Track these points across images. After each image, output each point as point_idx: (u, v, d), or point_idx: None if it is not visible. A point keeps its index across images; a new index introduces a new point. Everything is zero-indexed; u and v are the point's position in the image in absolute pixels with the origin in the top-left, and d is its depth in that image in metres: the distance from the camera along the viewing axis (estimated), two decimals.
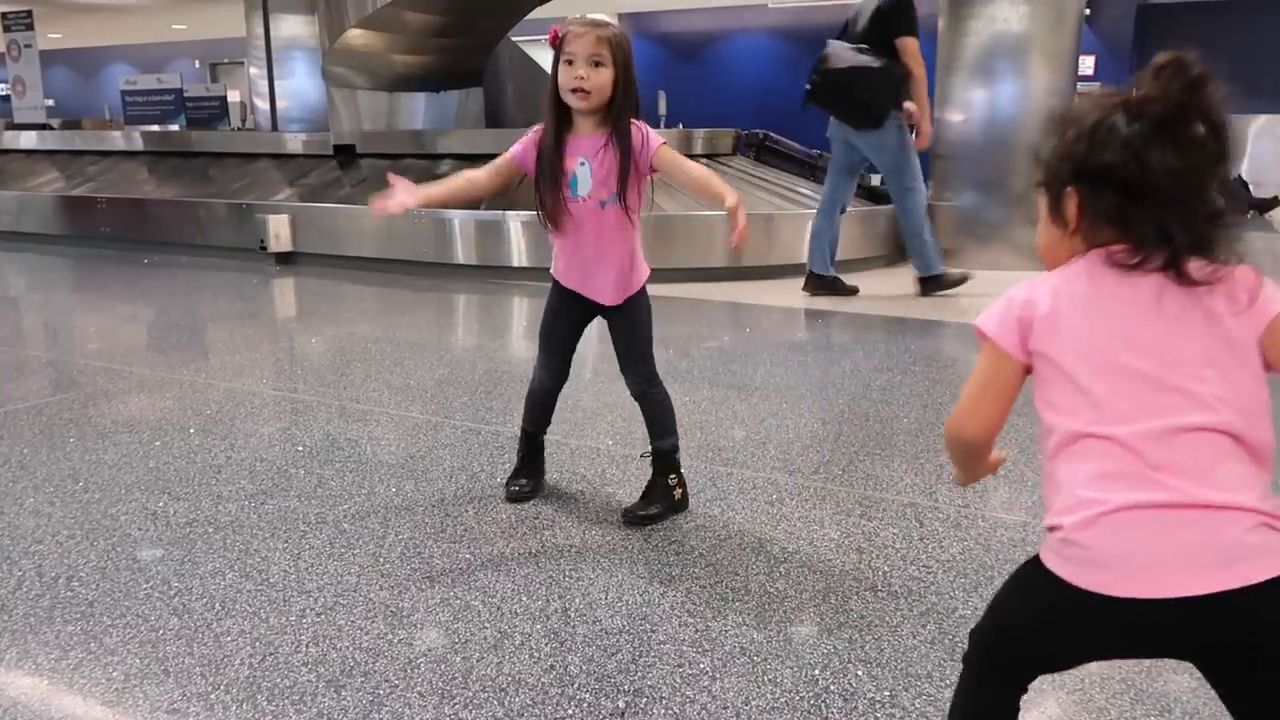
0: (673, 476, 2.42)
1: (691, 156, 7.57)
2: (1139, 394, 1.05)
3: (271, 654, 1.82)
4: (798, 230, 6.38)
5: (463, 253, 6.26)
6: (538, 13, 8.88)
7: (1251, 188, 11.32)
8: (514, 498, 2.55)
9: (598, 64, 2.14)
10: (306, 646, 1.84)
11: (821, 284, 5.59)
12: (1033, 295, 1.11)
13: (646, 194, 2.33)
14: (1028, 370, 1.14)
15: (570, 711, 1.65)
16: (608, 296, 2.35)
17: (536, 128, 2.29)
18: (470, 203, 2.26)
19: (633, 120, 2.23)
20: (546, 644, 1.86)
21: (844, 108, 5.47)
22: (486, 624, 1.93)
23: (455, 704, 1.67)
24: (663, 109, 12.46)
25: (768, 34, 15.20)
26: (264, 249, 6.68)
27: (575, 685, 1.73)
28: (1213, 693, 1.68)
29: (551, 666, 1.78)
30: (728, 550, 2.27)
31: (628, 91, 2.19)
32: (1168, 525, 1.01)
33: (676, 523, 2.42)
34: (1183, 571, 1.00)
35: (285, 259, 6.78)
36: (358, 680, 1.74)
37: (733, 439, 3.03)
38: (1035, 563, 1.11)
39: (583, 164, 2.23)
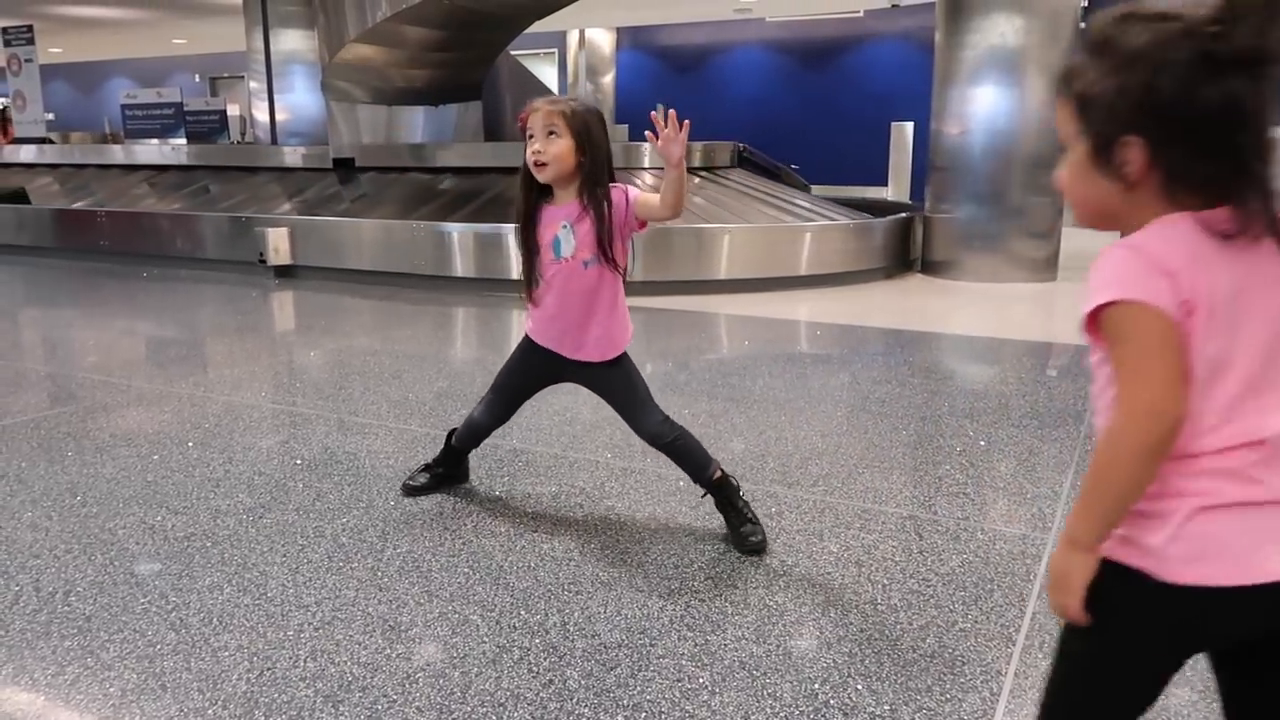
0: (740, 497, 2.40)
1: (690, 170, 7.60)
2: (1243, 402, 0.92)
3: (269, 669, 1.81)
4: (795, 243, 6.40)
5: (461, 265, 6.27)
6: (536, 26, 8.93)
7: None
8: (408, 491, 2.66)
9: (552, 133, 2.21)
10: (304, 661, 1.84)
11: None
12: (1163, 264, 0.90)
13: (631, 252, 2.38)
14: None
15: None
16: (591, 352, 2.38)
17: None
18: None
19: (613, 185, 2.28)
20: (545, 658, 1.85)
21: None
22: (485, 638, 1.92)
23: (454, 719, 1.66)
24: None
25: (764, 48, 15.27)
26: (263, 262, 6.69)
27: (574, 700, 1.72)
28: (1215, 705, 1.68)
29: (550, 681, 1.78)
30: (727, 563, 2.27)
31: (594, 158, 2.25)
32: (1265, 515, 0.93)
33: (675, 536, 2.42)
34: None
35: (284, 272, 6.79)
36: (356, 695, 1.73)
37: (732, 451, 3.03)
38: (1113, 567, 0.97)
39: (565, 227, 2.29)
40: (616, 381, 2.40)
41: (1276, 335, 0.93)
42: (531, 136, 2.22)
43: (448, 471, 2.71)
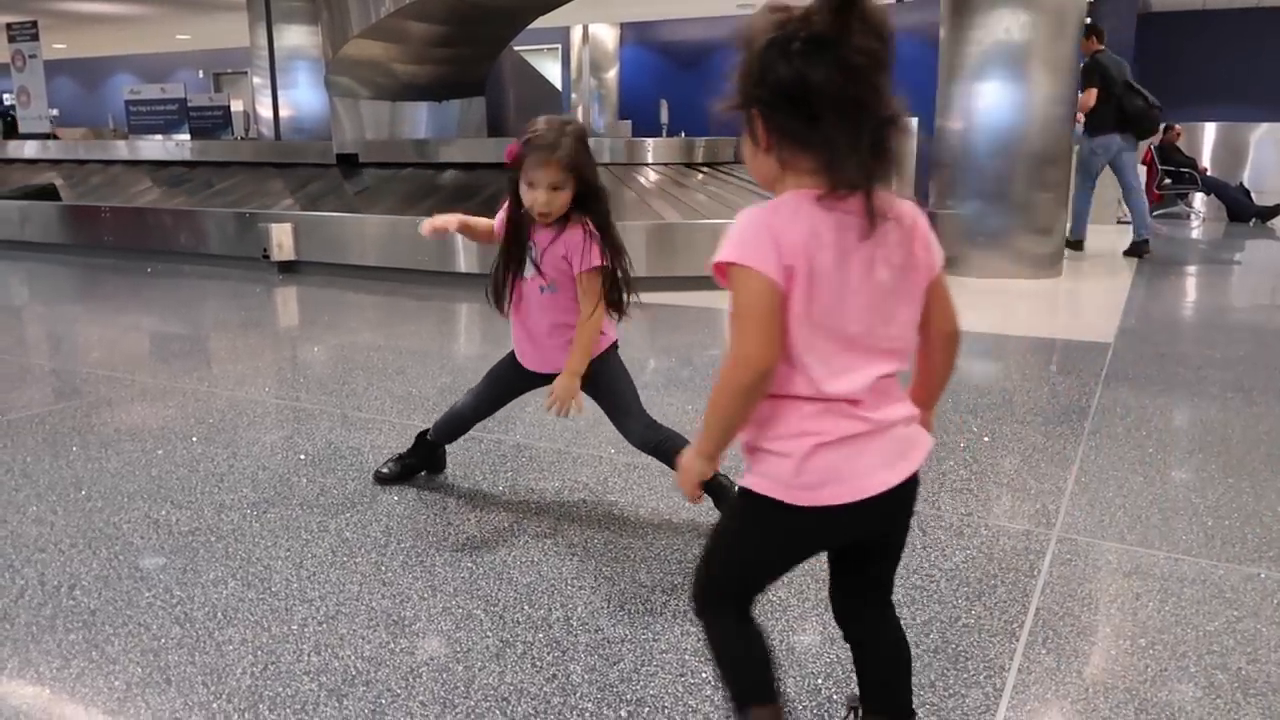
0: (736, 491, 2.39)
1: (693, 165, 7.58)
2: (853, 359, 1.19)
3: (273, 663, 1.82)
4: None
5: (464, 261, 6.27)
6: (540, 22, 8.93)
7: (1254, 195, 11.32)
8: (379, 478, 2.71)
9: (556, 188, 2.21)
10: (309, 655, 1.84)
11: None
12: (767, 233, 1.12)
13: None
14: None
15: (574, 719, 1.65)
16: (549, 365, 2.40)
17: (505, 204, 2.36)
18: (485, 238, 2.43)
19: (582, 223, 2.26)
20: (549, 653, 1.86)
21: None
22: (489, 633, 1.93)
23: (457, 713, 1.66)
24: (664, 118, 12.48)
25: None
26: (267, 258, 6.70)
27: (578, 694, 1.72)
28: (1219, 701, 1.68)
29: (554, 675, 1.78)
30: None
31: (591, 194, 2.26)
32: (871, 442, 1.21)
33: (679, 531, 2.42)
34: (882, 470, 1.22)
35: (288, 268, 6.80)
36: (360, 689, 1.73)
37: (734, 446, 3.02)
38: (752, 498, 1.26)
39: (531, 248, 2.31)
40: (601, 385, 2.41)
41: (876, 296, 1.17)
42: (531, 185, 2.21)
43: (417, 463, 2.73)
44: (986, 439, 3.17)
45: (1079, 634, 1.95)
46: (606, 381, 2.41)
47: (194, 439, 3.13)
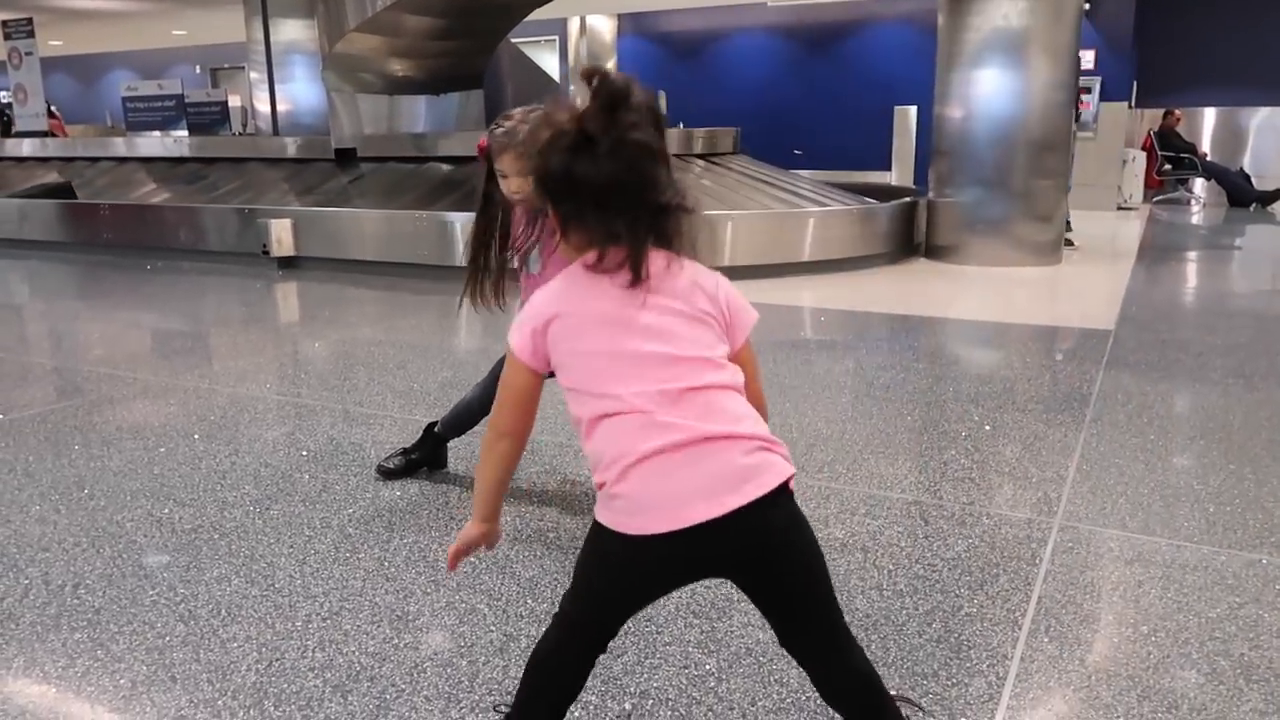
0: None
1: (693, 156, 7.55)
2: (643, 373, 1.22)
3: (278, 659, 1.82)
4: (798, 229, 6.39)
5: (464, 255, 6.26)
6: (537, 14, 8.89)
7: (1254, 180, 11.29)
8: (382, 472, 2.71)
9: (526, 175, 2.18)
10: (313, 651, 1.85)
11: None
12: (541, 309, 1.27)
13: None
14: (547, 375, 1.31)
15: (577, 714, 1.65)
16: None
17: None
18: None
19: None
20: None
21: None
22: (492, 627, 1.93)
23: (461, 707, 1.67)
24: (663, 109, 12.45)
25: (767, 33, 15.19)
26: (266, 253, 6.69)
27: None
28: (1221, 688, 1.68)
29: None
30: None
31: None
32: (684, 463, 1.18)
33: None
34: (701, 499, 1.18)
35: (288, 263, 6.79)
36: (364, 685, 1.74)
37: None
38: (595, 523, 1.26)
39: (535, 242, 2.30)
40: None
41: (655, 329, 1.24)
42: (505, 176, 2.20)
43: (422, 458, 2.74)
44: (988, 427, 3.17)
45: (1081, 622, 1.95)
46: None
47: (196, 436, 3.13)
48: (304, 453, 2.96)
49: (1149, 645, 1.86)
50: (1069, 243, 7.17)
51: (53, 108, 14.16)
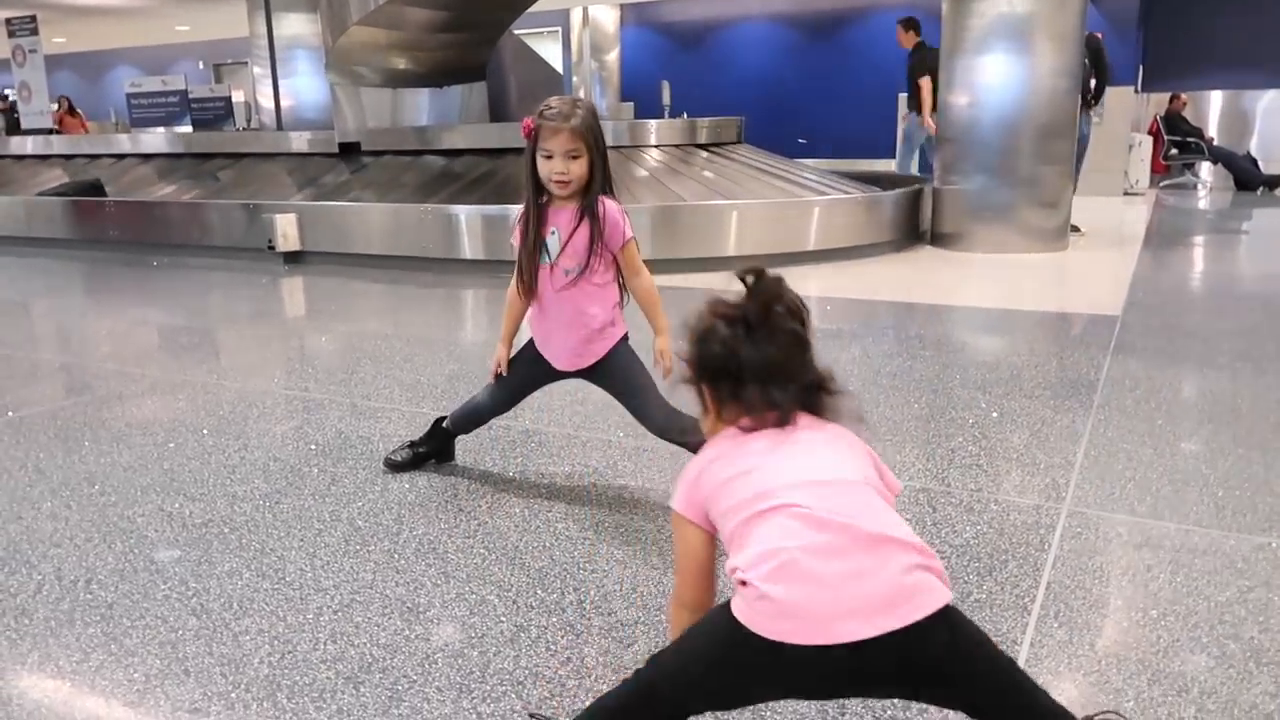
0: None
1: (697, 146, 7.55)
2: (798, 476, 1.26)
3: (290, 652, 1.83)
4: (803, 218, 6.37)
5: (470, 248, 6.27)
6: (539, 5, 8.88)
7: (1261, 164, 11.23)
8: (389, 465, 2.73)
9: (575, 157, 2.23)
10: (324, 644, 1.86)
11: None
12: (694, 463, 1.37)
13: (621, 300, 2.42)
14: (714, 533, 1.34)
15: (587, 703, 1.65)
16: (564, 361, 2.43)
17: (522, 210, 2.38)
18: (522, 316, 2.51)
19: (606, 198, 2.31)
20: (563, 636, 1.87)
21: None
22: (503, 618, 1.94)
23: (473, 698, 1.68)
24: (666, 99, 12.43)
25: (770, 21, 15.13)
26: (272, 248, 6.70)
27: (592, 676, 1.73)
28: (1231, 671, 1.68)
29: (568, 659, 1.79)
30: None
31: (603, 170, 2.29)
32: (842, 571, 1.17)
33: None
34: (856, 618, 1.15)
35: (293, 258, 6.80)
36: (376, 676, 1.75)
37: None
38: (724, 610, 1.23)
39: (553, 233, 2.33)
40: (616, 377, 2.42)
41: (781, 454, 1.29)
42: (549, 156, 2.22)
43: (430, 451, 2.75)
44: (995, 414, 3.17)
45: (1091, 607, 1.95)
46: (621, 374, 2.42)
47: (205, 431, 3.15)
48: (312, 446, 2.97)
49: (1159, 629, 1.86)
50: (1075, 229, 7.17)
51: (72, 103, 14.17)
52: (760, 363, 1.30)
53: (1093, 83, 7.28)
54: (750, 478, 1.27)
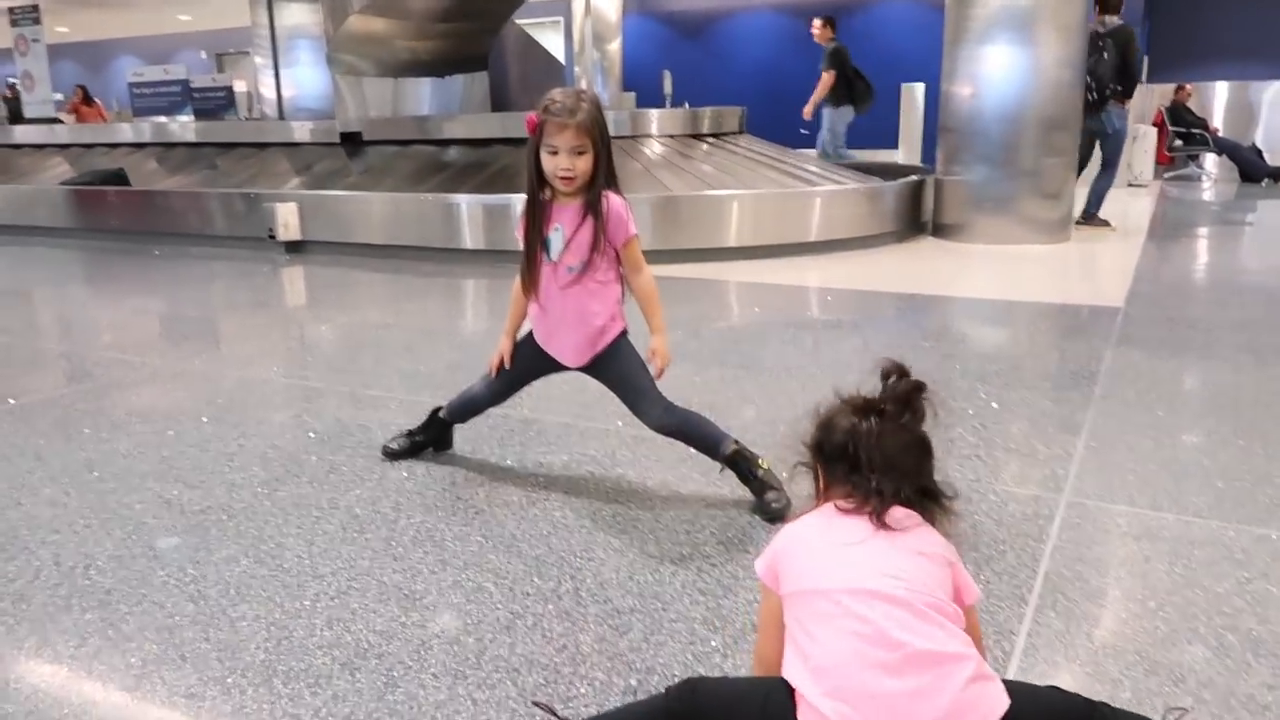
0: (759, 463, 2.39)
1: (698, 136, 7.53)
2: (860, 589, 1.28)
3: (286, 638, 1.83)
4: (805, 208, 6.36)
5: (470, 237, 6.27)
6: None
7: (1266, 155, 11.18)
8: (387, 453, 2.73)
9: (580, 153, 2.21)
10: (321, 630, 1.86)
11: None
12: (787, 530, 1.44)
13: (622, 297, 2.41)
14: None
15: (583, 690, 1.66)
16: (568, 358, 2.43)
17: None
18: (526, 310, 2.50)
19: (610, 194, 2.28)
20: (559, 624, 1.87)
21: None
22: (499, 605, 1.94)
23: (469, 684, 1.68)
24: (668, 88, 12.39)
25: (773, 11, 15.08)
26: (273, 238, 6.70)
27: (588, 664, 1.73)
28: (1228, 662, 1.68)
29: (564, 646, 1.79)
30: (738, 528, 2.27)
31: (607, 164, 2.27)
32: (897, 690, 1.20)
33: (687, 502, 2.43)
34: None
35: (294, 247, 6.80)
36: (372, 662, 1.75)
37: (743, 418, 3.03)
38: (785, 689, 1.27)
39: (557, 229, 2.31)
40: (613, 372, 2.42)
41: (880, 573, 1.31)
42: (554, 152, 2.20)
43: (427, 440, 2.74)
44: (995, 405, 3.16)
45: (1088, 597, 1.95)
46: (619, 369, 2.41)
47: (204, 419, 3.15)
48: (311, 435, 2.97)
49: (1156, 620, 1.86)
50: (1105, 222, 7.18)
51: (87, 91, 14.12)
52: (879, 452, 1.38)
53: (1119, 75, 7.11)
54: (822, 559, 1.34)
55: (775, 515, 2.29)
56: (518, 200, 2.36)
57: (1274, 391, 3.28)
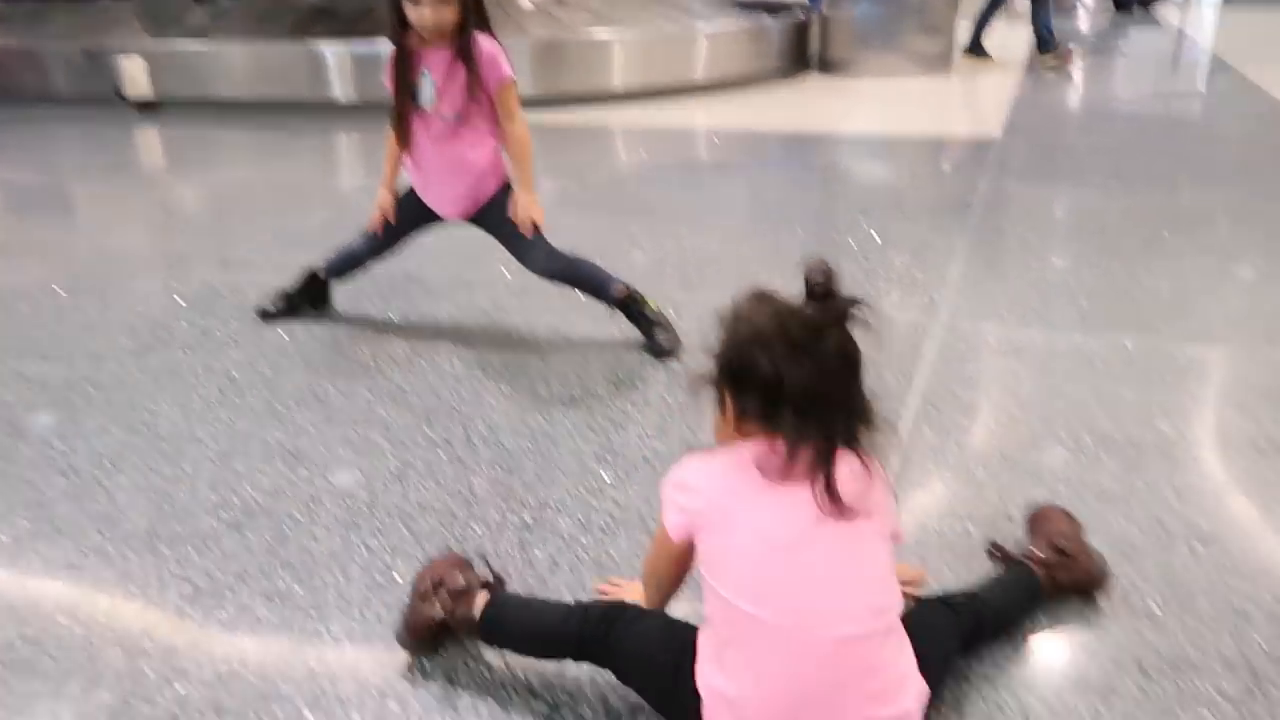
0: (647, 304, 2.37)
1: None
2: (790, 605, 1.09)
3: (168, 504, 1.78)
4: (689, 49, 6.19)
5: (340, 90, 5.90)
6: None
7: None
8: (263, 315, 2.63)
9: (440, 1, 2.08)
10: (204, 493, 1.81)
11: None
12: (697, 504, 1.16)
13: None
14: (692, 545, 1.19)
15: (478, 530, 1.67)
16: (447, 210, 2.35)
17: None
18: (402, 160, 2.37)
19: (481, 36, 2.16)
20: (451, 469, 1.87)
21: None
22: (389, 456, 1.92)
23: (362, 533, 1.68)
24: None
25: None
26: (122, 97, 6.17)
27: (481, 505, 1.75)
28: (1083, 459, 1.79)
29: (457, 490, 1.80)
30: (628, 367, 2.29)
31: (477, 11, 2.14)
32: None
33: (576, 346, 2.42)
34: None
35: (148, 108, 6.29)
36: (261, 520, 1.72)
37: (632, 263, 3.01)
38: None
39: (425, 75, 2.19)
40: (498, 221, 2.34)
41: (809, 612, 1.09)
42: (417, 2, 2.06)
43: (304, 300, 2.65)
44: (877, 238, 3.22)
45: (961, 411, 2.04)
46: (504, 219, 2.33)
47: (60, 291, 2.95)
48: (179, 300, 2.83)
49: (1021, 427, 1.97)
50: (987, 55, 7.20)
51: None
52: (806, 387, 1.08)
53: None
54: (758, 565, 1.10)
55: (664, 353, 2.31)
56: (390, 47, 2.21)
57: (1136, 214, 3.43)
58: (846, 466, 1.11)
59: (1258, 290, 2.71)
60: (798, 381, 1.08)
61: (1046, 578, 1.41)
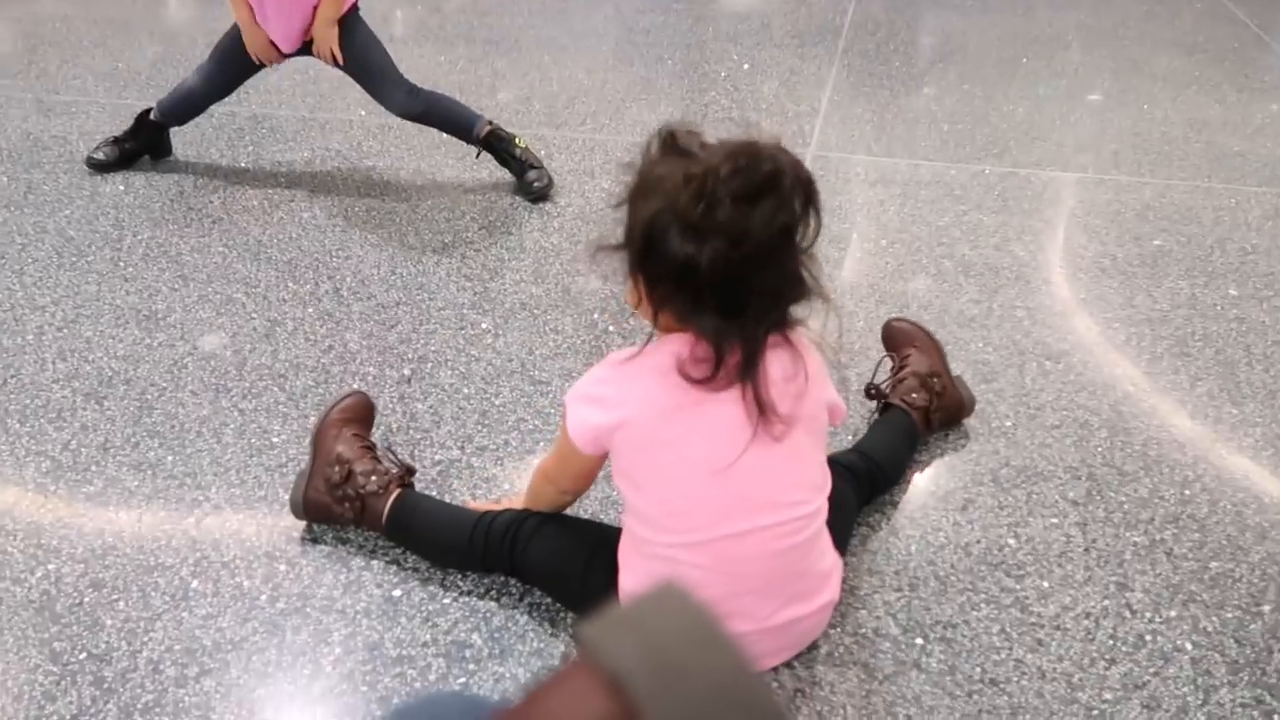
0: (516, 142, 2.27)
1: None
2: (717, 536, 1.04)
3: (14, 377, 1.67)
4: None
5: None
6: None
7: None
8: (91, 164, 2.40)
9: None
10: (54, 363, 1.70)
11: None
12: (609, 420, 1.03)
13: None
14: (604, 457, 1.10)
15: (356, 385, 1.64)
16: (285, 42, 2.18)
17: None
18: None
19: None
20: (322, 325, 1.80)
21: None
22: (254, 314, 1.84)
23: (232, 395, 1.62)
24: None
25: None
26: None
27: (358, 360, 1.70)
28: (945, 285, 1.86)
29: (330, 347, 1.74)
30: (499, 211, 2.22)
31: None
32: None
33: (444, 190, 2.33)
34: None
35: None
36: (120, 389, 1.64)
37: (496, 100, 2.88)
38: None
39: None
40: (347, 54, 2.17)
41: (710, 472, 1.00)
42: None
43: (140, 147, 2.43)
44: (746, 66, 3.16)
45: (830, 241, 2.09)
46: (353, 49, 2.17)
47: None
48: None
49: (887, 256, 2.03)
50: None
51: None
52: (729, 277, 0.91)
53: None
54: (678, 483, 1.02)
55: (538, 194, 2.25)
56: None
57: (996, 37, 3.47)
58: (778, 365, 0.99)
59: (1105, 114, 2.81)
60: (716, 269, 0.90)
61: (922, 420, 1.46)
